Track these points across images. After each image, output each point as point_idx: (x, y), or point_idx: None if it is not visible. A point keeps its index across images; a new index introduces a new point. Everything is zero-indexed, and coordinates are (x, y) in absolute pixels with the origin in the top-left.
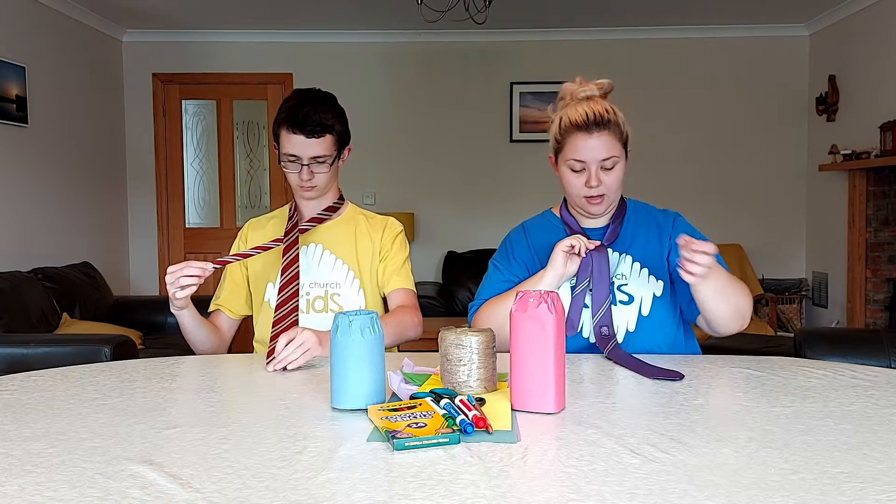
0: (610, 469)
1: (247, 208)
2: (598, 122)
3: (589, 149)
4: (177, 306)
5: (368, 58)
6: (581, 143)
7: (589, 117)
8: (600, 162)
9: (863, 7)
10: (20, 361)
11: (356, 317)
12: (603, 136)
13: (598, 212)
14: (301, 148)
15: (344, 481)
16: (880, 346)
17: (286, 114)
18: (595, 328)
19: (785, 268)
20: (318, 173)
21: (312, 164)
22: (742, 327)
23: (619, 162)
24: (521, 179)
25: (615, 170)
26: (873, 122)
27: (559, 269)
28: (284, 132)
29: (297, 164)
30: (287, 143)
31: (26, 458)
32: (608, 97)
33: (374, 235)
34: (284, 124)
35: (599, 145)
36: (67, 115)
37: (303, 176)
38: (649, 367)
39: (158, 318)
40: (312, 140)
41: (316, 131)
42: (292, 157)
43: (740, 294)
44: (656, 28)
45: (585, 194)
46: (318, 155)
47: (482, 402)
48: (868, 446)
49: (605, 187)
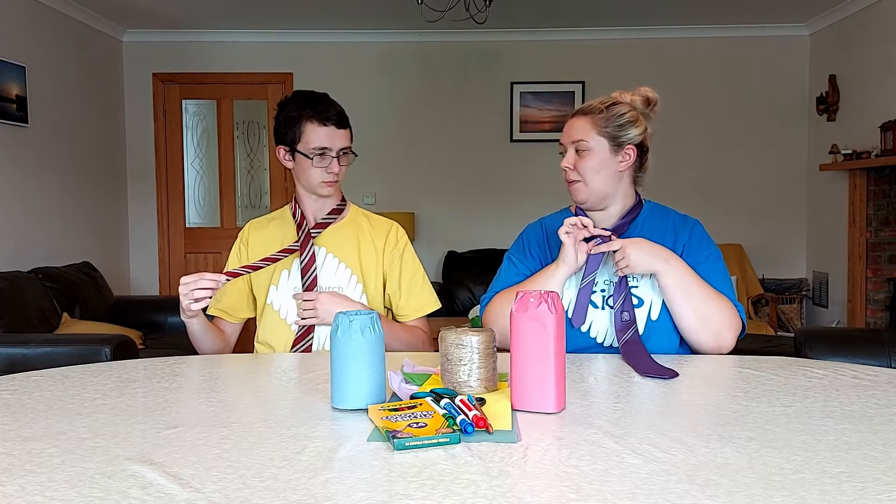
0: (610, 469)
1: (247, 208)
2: (584, 110)
3: (567, 130)
4: (188, 315)
5: (368, 58)
6: (566, 126)
7: (582, 105)
8: (573, 143)
9: (863, 7)
10: (20, 361)
11: (356, 317)
12: (580, 120)
13: (576, 199)
14: (332, 139)
15: (344, 481)
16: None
17: (311, 109)
18: (616, 314)
19: (785, 268)
20: (343, 165)
21: (340, 155)
22: (718, 346)
23: (590, 150)
24: (521, 179)
25: (587, 156)
26: (873, 122)
27: (571, 264)
28: (312, 126)
29: (327, 158)
30: (316, 136)
31: (27, 458)
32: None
33: (378, 241)
34: (312, 119)
35: (573, 127)
36: (67, 115)
37: (332, 168)
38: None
39: (158, 318)
40: (341, 131)
41: (343, 122)
42: (322, 150)
43: (712, 304)
44: (656, 28)
45: (565, 177)
46: (347, 146)
47: (482, 401)
48: (869, 446)
49: (578, 173)
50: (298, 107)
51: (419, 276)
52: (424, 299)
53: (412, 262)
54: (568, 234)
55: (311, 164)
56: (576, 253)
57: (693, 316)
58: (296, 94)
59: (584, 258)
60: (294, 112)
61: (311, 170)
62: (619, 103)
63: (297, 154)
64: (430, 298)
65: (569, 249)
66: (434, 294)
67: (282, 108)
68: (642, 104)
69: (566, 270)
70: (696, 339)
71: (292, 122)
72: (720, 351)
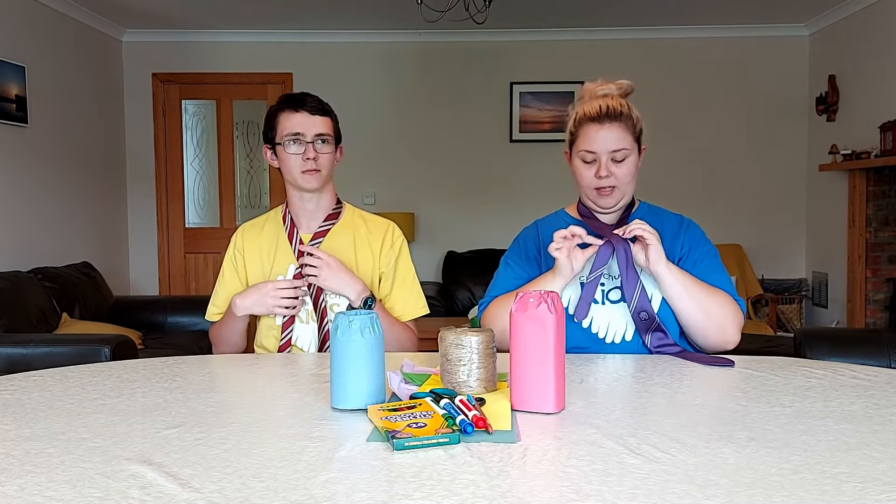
0: (610, 469)
1: (247, 208)
2: (610, 115)
3: (600, 139)
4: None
5: (368, 58)
6: (593, 133)
7: (602, 109)
8: (611, 153)
9: (863, 7)
10: (20, 361)
11: (356, 317)
12: (614, 127)
13: (609, 204)
14: (305, 125)
15: (344, 481)
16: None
17: (285, 100)
18: (634, 315)
19: (785, 268)
20: (322, 153)
21: (316, 141)
22: (724, 341)
23: (631, 155)
24: (521, 179)
25: (626, 162)
26: (873, 122)
27: (567, 275)
28: (285, 115)
29: (300, 144)
30: (288, 123)
31: (26, 458)
32: (628, 98)
33: (374, 244)
34: (284, 108)
35: (610, 136)
36: (67, 115)
37: (308, 154)
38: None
39: (158, 318)
40: (316, 117)
41: (318, 109)
42: (295, 136)
43: (714, 300)
44: (656, 28)
45: (596, 185)
46: (323, 132)
47: (482, 402)
48: (868, 446)
49: (616, 179)
50: (277, 104)
51: (410, 278)
52: (413, 303)
53: (406, 264)
54: (559, 249)
55: (287, 153)
56: (571, 263)
57: (698, 310)
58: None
59: (580, 265)
60: (273, 108)
61: (289, 159)
62: (628, 93)
63: (277, 147)
64: (419, 302)
65: (562, 262)
66: (423, 299)
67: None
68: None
69: (562, 281)
70: (703, 334)
71: (271, 118)
72: (726, 346)
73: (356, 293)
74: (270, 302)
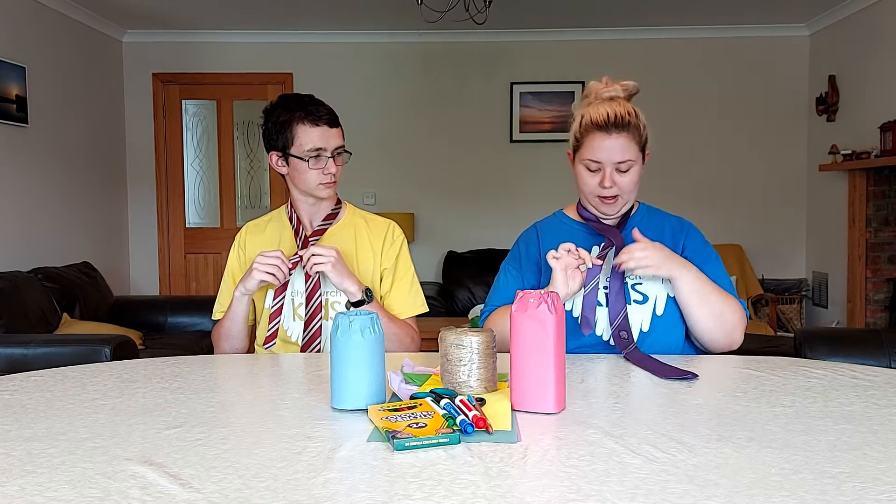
0: (610, 469)
1: (247, 208)
2: (617, 124)
3: (605, 150)
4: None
5: (368, 58)
6: (598, 143)
7: (609, 118)
8: (615, 164)
9: (863, 7)
10: (20, 361)
11: (356, 317)
12: (621, 138)
13: (611, 212)
14: (326, 139)
15: (344, 481)
16: (880, 346)
17: (301, 111)
18: (614, 333)
19: (785, 268)
20: (339, 165)
21: (336, 155)
22: (729, 343)
23: (635, 165)
24: (521, 179)
25: (630, 173)
26: (873, 122)
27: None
28: (305, 127)
29: (322, 159)
30: (309, 137)
31: (27, 459)
32: (633, 99)
33: (375, 244)
34: (304, 120)
35: (616, 147)
36: (67, 115)
37: (330, 169)
38: (664, 367)
39: (158, 319)
40: (334, 130)
41: (334, 121)
42: (317, 151)
43: (725, 305)
44: (656, 28)
45: (599, 194)
46: (341, 145)
47: (482, 402)
48: (868, 446)
49: (619, 188)
50: (288, 110)
51: (409, 277)
52: (412, 301)
53: (405, 262)
54: (557, 258)
55: (307, 167)
56: (566, 280)
57: (710, 317)
58: (282, 98)
59: (576, 286)
60: (284, 116)
61: (308, 173)
62: (633, 94)
63: (292, 158)
64: (418, 300)
65: (557, 275)
66: (422, 297)
67: (269, 114)
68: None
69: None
70: (712, 337)
71: (283, 127)
72: (730, 348)
73: (357, 286)
74: (254, 268)
